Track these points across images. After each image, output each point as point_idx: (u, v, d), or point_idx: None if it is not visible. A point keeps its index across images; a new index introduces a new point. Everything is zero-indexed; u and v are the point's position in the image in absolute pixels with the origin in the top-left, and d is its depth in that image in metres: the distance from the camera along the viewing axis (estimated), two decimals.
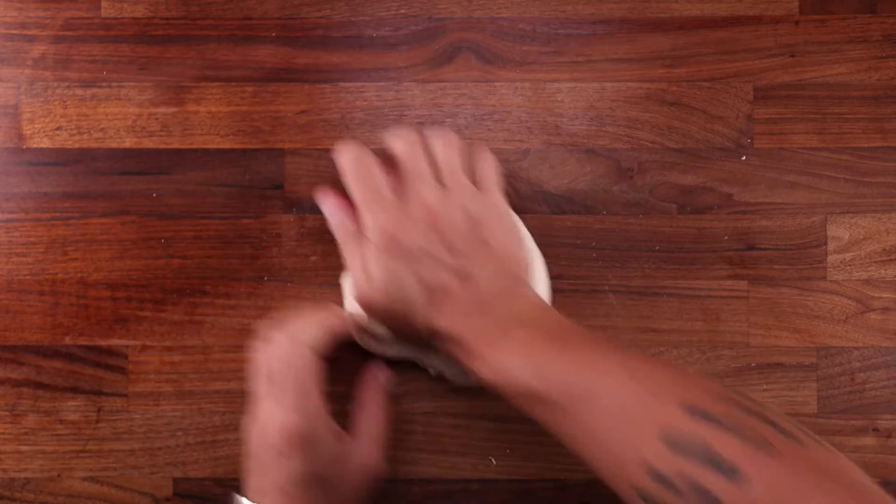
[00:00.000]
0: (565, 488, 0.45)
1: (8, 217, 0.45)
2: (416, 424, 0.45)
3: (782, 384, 0.45)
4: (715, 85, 0.46)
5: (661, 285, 0.45)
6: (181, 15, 0.46)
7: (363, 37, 0.46)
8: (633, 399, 0.30)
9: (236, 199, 0.45)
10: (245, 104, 0.45)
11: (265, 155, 0.45)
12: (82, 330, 0.45)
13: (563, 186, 0.45)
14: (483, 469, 0.45)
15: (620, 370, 0.32)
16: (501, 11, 0.46)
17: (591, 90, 0.46)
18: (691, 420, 0.29)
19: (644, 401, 0.30)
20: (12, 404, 0.45)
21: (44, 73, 0.45)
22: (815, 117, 0.45)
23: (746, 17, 0.46)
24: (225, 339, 0.45)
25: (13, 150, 0.45)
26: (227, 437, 0.45)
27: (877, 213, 0.45)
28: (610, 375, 0.32)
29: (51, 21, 0.45)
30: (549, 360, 0.33)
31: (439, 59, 0.46)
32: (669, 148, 0.45)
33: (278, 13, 0.46)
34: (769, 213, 0.45)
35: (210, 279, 0.45)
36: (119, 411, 0.45)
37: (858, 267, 0.45)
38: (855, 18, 0.46)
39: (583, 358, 0.33)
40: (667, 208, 0.45)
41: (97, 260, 0.45)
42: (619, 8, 0.46)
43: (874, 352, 0.45)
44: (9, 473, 0.45)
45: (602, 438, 0.31)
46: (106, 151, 0.45)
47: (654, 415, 0.30)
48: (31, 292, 0.45)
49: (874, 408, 0.45)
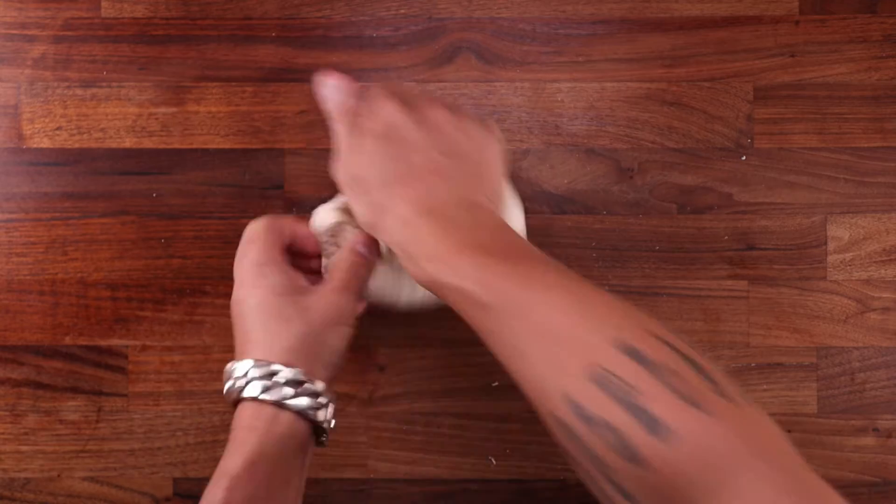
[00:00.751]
0: (565, 488, 0.45)
1: (8, 217, 0.45)
2: (416, 424, 0.45)
3: (782, 384, 0.45)
4: (715, 85, 0.46)
5: (661, 285, 0.45)
6: (181, 15, 0.46)
7: (363, 37, 0.46)
8: (567, 323, 0.30)
9: (236, 199, 0.45)
10: (245, 104, 0.45)
11: (265, 155, 0.45)
12: (82, 330, 0.45)
13: (563, 186, 0.45)
14: (483, 469, 0.45)
15: (561, 290, 0.31)
16: (501, 11, 0.46)
17: (591, 90, 0.46)
18: (621, 358, 0.28)
19: (577, 328, 0.29)
20: (12, 404, 0.45)
21: (44, 73, 0.45)
22: (815, 117, 0.45)
23: (746, 17, 0.46)
24: (225, 339, 0.45)
25: (13, 150, 0.45)
26: (227, 438, 0.45)
27: (877, 213, 0.45)
28: (550, 292, 0.31)
29: (51, 21, 0.45)
30: (494, 265, 0.32)
31: (439, 59, 0.46)
32: (669, 148, 0.45)
33: (278, 13, 0.46)
34: (769, 213, 0.45)
35: (210, 279, 0.45)
36: (119, 411, 0.45)
37: (858, 267, 0.45)
38: (855, 18, 0.46)
39: (528, 271, 0.32)
40: (667, 208, 0.45)
41: (97, 260, 0.45)
42: (619, 8, 0.46)
43: (874, 352, 0.45)
44: (9, 473, 0.45)
45: (530, 360, 0.30)
46: (106, 151, 0.45)
47: (585, 346, 0.29)
48: (31, 292, 0.45)
49: (874, 408, 0.45)
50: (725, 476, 0.26)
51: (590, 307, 0.30)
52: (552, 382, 0.29)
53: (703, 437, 0.26)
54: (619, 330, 0.29)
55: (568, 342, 0.29)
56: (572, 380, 0.28)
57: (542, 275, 0.32)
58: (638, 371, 0.27)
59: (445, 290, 0.34)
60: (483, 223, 0.36)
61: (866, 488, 0.45)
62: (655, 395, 0.27)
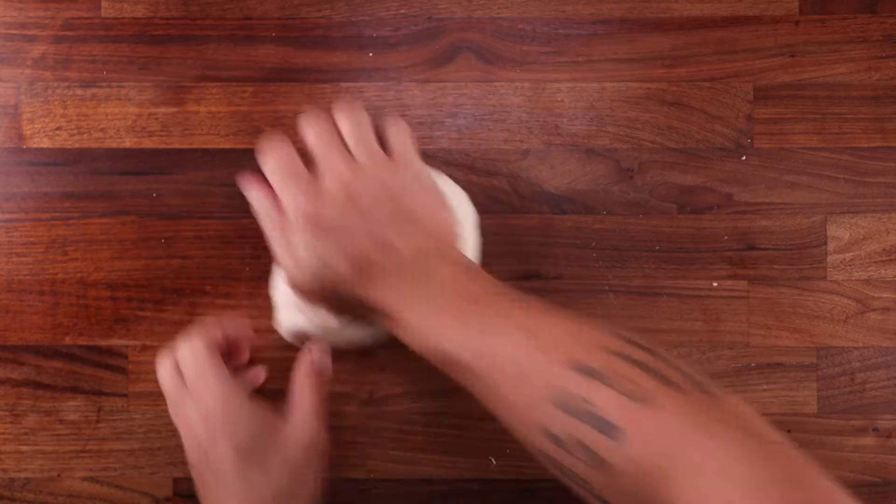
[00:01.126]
0: (565, 488, 0.45)
1: (8, 217, 0.45)
2: (416, 424, 0.45)
3: (782, 384, 0.45)
4: (715, 85, 0.46)
5: (661, 285, 0.45)
6: (181, 15, 0.46)
7: (363, 37, 0.46)
8: (528, 361, 0.32)
9: (236, 199, 0.45)
10: (245, 104, 0.45)
11: None
12: (82, 330, 0.45)
13: (563, 186, 0.45)
14: (483, 469, 0.45)
15: (517, 330, 0.33)
16: (501, 11, 0.46)
17: (591, 90, 0.46)
18: (577, 378, 0.30)
19: (537, 363, 0.31)
20: (12, 404, 0.45)
21: (44, 73, 0.45)
22: (815, 117, 0.45)
23: (746, 17, 0.46)
24: None
25: (13, 150, 0.45)
26: None
27: (877, 213, 0.45)
28: (509, 338, 0.33)
29: (51, 21, 0.45)
30: (457, 324, 0.34)
31: (439, 59, 0.46)
32: (669, 148, 0.45)
33: (278, 13, 0.46)
34: (769, 213, 0.45)
35: (210, 279, 0.45)
36: (119, 411, 0.45)
37: (858, 267, 0.45)
38: (855, 18, 0.46)
39: (485, 320, 0.34)
40: (667, 208, 0.45)
41: (97, 260, 0.45)
42: (619, 8, 0.46)
43: (874, 352, 0.45)
44: (9, 473, 0.45)
45: (506, 402, 0.32)
46: (106, 151, 0.45)
47: (546, 377, 0.31)
48: (31, 292, 0.45)
49: (874, 408, 0.45)
50: (676, 459, 0.27)
51: (543, 338, 0.32)
52: (527, 418, 0.31)
53: (648, 428, 0.28)
54: (570, 352, 0.31)
55: (531, 376, 0.31)
56: (541, 410, 0.30)
57: (503, 321, 0.34)
58: (590, 385, 0.29)
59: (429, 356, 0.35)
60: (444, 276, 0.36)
61: (866, 488, 0.45)
62: (608, 401, 0.29)
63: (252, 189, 0.39)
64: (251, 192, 0.39)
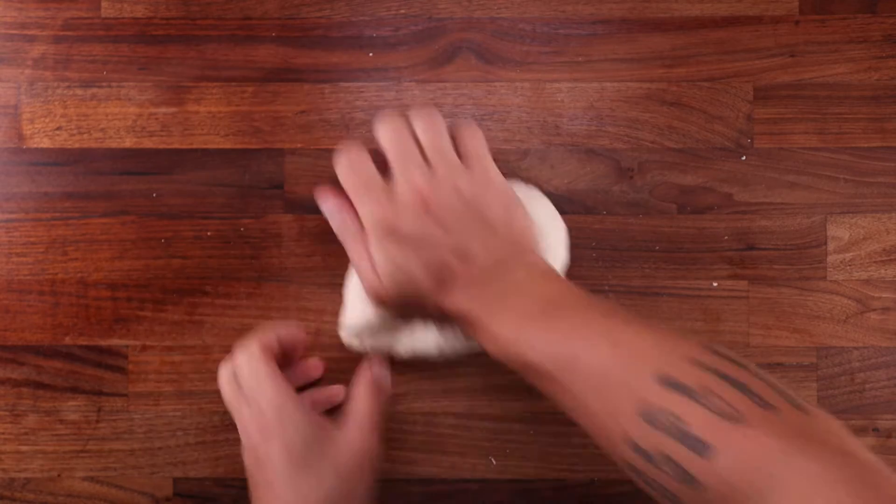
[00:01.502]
0: (565, 488, 0.45)
1: (8, 217, 0.45)
2: (416, 424, 0.45)
3: (782, 384, 0.45)
4: (715, 85, 0.46)
5: (661, 285, 0.45)
6: (181, 15, 0.46)
7: (363, 37, 0.46)
8: (613, 370, 0.31)
9: (236, 199, 0.45)
10: (245, 104, 0.45)
11: (265, 155, 0.45)
12: (82, 330, 0.45)
13: (563, 186, 0.45)
14: (483, 469, 0.45)
15: (601, 339, 0.33)
16: (501, 11, 0.46)
17: (591, 90, 0.46)
18: (665, 393, 0.30)
19: (622, 373, 0.31)
20: (12, 404, 0.45)
21: (44, 73, 0.45)
22: (815, 117, 0.45)
23: (746, 17, 0.46)
24: (225, 339, 0.45)
25: (13, 150, 0.45)
26: (227, 437, 0.45)
27: (877, 213, 0.45)
28: (592, 345, 0.32)
29: (51, 21, 0.45)
30: (540, 331, 0.34)
31: (439, 59, 0.46)
32: (669, 148, 0.45)
33: (278, 13, 0.46)
34: (769, 213, 0.45)
35: (210, 279, 0.45)
36: (119, 411, 0.45)
37: (858, 267, 0.45)
38: (855, 18, 0.46)
39: (569, 327, 0.34)
40: (667, 208, 0.45)
41: (97, 260, 0.45)
42: (619, 8, 0.46)
43: (874, 352, 0.45)
44: (9, 473, 0.45)
45: (590, 410, 0.32)
46: (106, 151, 0.45)
47: (632, 388, 0.31)
48: (31, 292, 0.45)
49: (874, 408, 0.45)
50: (770, 479, 0.27)
51: (631, 348, 0.32)
52: (613, 428, 0.31)
53: (742, 448, 0.28)
54: (657, 365, 0.31)
55: (616, 387, 0.31)
56: (627, 422, 0.30)
57: (580, 326, 0.34)
58: (680, 400, 0.29)
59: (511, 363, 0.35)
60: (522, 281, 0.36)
61: None
62: (698, 418, 0.29)
63: (327, 201, 0.39)
64: (326, 203, 0.40)
